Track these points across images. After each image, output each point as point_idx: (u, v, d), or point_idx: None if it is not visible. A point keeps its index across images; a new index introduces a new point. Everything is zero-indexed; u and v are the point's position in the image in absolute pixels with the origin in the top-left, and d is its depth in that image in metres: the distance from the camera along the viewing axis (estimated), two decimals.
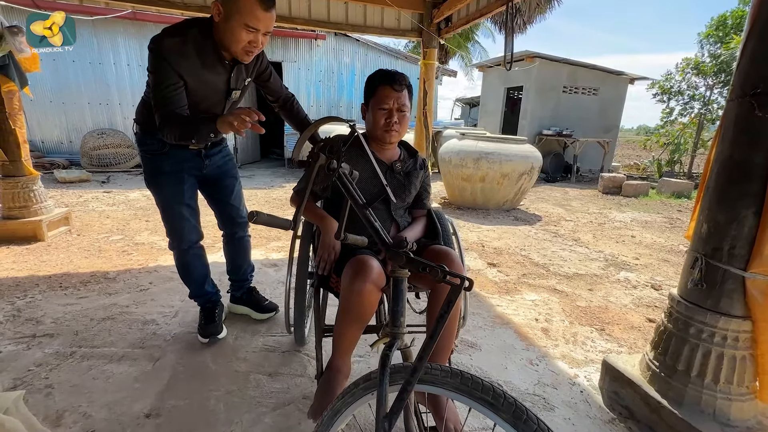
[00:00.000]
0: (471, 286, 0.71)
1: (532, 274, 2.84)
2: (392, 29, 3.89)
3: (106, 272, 2.54)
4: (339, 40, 8.14)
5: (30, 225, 3.06)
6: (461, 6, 3.18)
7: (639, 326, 2.14)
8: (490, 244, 3.50)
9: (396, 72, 1.48)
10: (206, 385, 1.51)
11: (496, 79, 9.73)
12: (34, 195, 3.14)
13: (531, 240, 3.69)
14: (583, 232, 4.06)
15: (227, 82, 1.45)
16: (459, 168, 4.63)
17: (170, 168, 1.57)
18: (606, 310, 2.32)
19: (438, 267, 0.73)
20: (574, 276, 2.84)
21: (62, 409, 1.36)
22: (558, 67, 8.42)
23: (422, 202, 1.65)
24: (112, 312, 2.03)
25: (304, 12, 3.61)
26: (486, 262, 3.03)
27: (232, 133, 1.18)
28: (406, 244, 0.81)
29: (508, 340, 1.93)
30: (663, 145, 8.86)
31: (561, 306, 2.34)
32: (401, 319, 0.80)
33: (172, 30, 1.31)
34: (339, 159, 0.97)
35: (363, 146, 1.55)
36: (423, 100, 3.94)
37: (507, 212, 4.77)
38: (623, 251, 3.48)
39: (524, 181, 4.63)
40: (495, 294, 2.46)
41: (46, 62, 6.77)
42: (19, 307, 2.04)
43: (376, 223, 0.89)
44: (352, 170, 1.09)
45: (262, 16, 1.27)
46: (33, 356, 1.64)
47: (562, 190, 6.77)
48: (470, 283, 0.71)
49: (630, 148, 18.69)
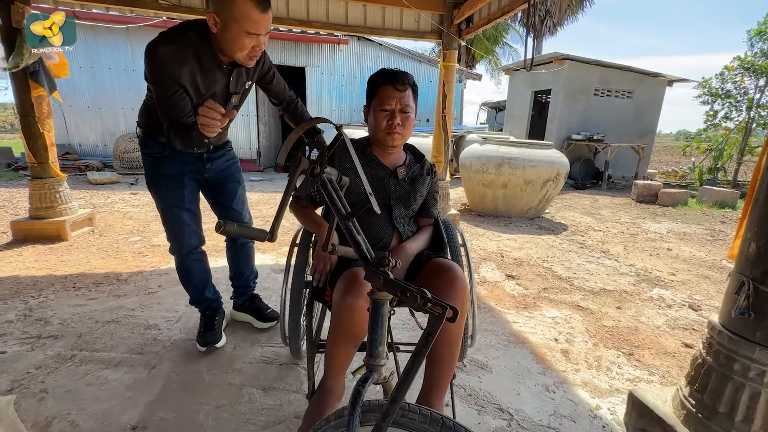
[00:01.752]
0: (455, 317, 0.59)
1: (554, 288, 2.64)
2: (411, 31, 3.80)
3: (119, 273, 2.56)
4: (362, 45, 8.15)
5: (55, 225, 3.16)
6: (482, 5, 3.05)
7: (674, 352, 1.93)
8: (510, 254, 3.32)
9: (399, 70, 1.39)
10: (197, 397, 1.46)
11: (522, 83, 9.43)
12: (59, 196, 3.25)
13: (555, 251, 3.47)
14: (613, 244, 3.79)
15: (227, 86, 1.40)
16: (480, 173, 4.46)
17: (170, 171, 1.53)
18: (636, 331, 2.11)
19: (418, 292, 0.62)
20: (601, 292, 2.62)
21: (52, 415, 1.33)
22: (588, 69, 8.06)
23: (429, 210, 1.54)
24: (117, 315, 2.03)
25: (322, 15, 3.58)
26: (504, 273, 2.86)
27: (257, 136, 1.13)
28: (387, 263, 0.71)
29: (522, 361, 1.77)
30: (705, 150, 8.28)
31: (584, 325, 2.15)
32: (379, 348, 0.69)
33: (168, 36, 1.27)
34: (322, 164, 0.87)
35: (364, 150, 1.47)
36: (442, 103, 3.81)
37: (530, 220, 4.55)
38: (657, 265, 3.21)
39: (549, 188, 4.40)
40: (512, 309, 2.29)
41: (85, 69, 7.15)
42: (31, 307, 2.08)
43: (358, 237, 0.79)
44: (341, 176, 0.99)
45: (261, 19, 1.21)
46: (35, 358, 1.64)
47: (592, 198, 6.42)
48: (454, 314, 0.59)
49: (668, 154, 17.71)
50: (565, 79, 8.00)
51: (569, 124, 8.25)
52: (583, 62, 7.98)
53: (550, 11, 16.04)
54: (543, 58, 8.59)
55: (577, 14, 17.18)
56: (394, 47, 8.30)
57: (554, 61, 7.99)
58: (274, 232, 0.92)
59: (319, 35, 7.40)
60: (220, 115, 1.12)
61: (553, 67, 8.03)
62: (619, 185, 7.97)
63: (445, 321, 1.18)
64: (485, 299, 2.40)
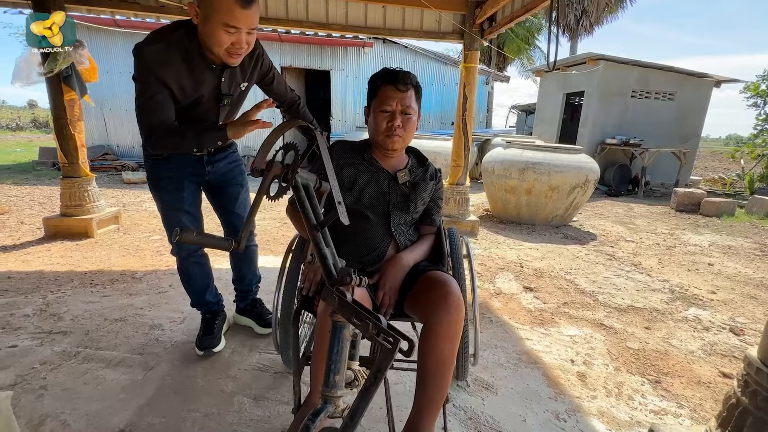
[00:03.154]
0: (411, 351, 0.51)
1: (576, 303, 2.46)
2: (432, 32, 3.70)
3: (135, 272, 2.62)
4: (387, 47, 8.11)
5: (82, 222, 3.30)
6: (505, 2, 2.92)
7: (709, 382, 1.72)
8: (531, 264, 3.14)
9: (401, 70, 1.31)
10: (187, 403, 1.43)
11: (553, 84, 9.07)
12: (88, 194, 3.39)
13: (580, 262, 3.26)
14: (646, 256, 3.52)
15: (218, 87, 1.37)
16: (502, 179, 4.29)
17: (170, 174, 1.53)
18: (665, 356, 1.91)
19: (371, 319, 0.54)
20: (628, 309, 2.41)
21: (46, 414, 1.35)
22: (626, 69, 7.62)
23: (431, 217, 1.45)
24: (126, 313, 2.06)
25: (342, 17, 3.56)
26: (522, 285, 2.70)
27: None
28: (348, 281, 0.63)
29: (533, 384, 1.63)
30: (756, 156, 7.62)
31: (606, 346, 1.97)
32: (335, 378, 0.62)
33: (156, 35, 1.25)
34: (294, 169, 0.81)
35: (363, 153, 1.40)
36: (463, 105, 3.69)
37: (556, 229, 4.32)
38: (696, 282, 2.94)
39: (577, 195, 4.16)
40: (526, 325, 2.15)
41: (124, 74, 7.54)
42: (48, 302, 2.15)
43: (325, 249, 0.72)
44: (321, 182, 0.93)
45: (241, 14, 1.17)
46: (42, 353, 1.69)
47: (626, 206, 6.04)
48: (410, 347, 0.51)
49: (715, 160, 16.51)
50: (600, 81, 7.61)
51: (603, 127, 7.84)
52: (619, 62, 7.56)
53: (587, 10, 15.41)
54: (576, 58, 8.22)
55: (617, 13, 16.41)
56: (419, 49, 8.21)
57: (588, 61, 7.62)
58: (242, 241, 0.86)
59: (345, 38, 7.43)
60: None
61: (586, 68, 7.66)
62: (657, 193, 7.48)
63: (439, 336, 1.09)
64: (498, 312, 2.27)
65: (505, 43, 16.41)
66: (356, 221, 1.33)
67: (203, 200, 1.70)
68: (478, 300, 2.38)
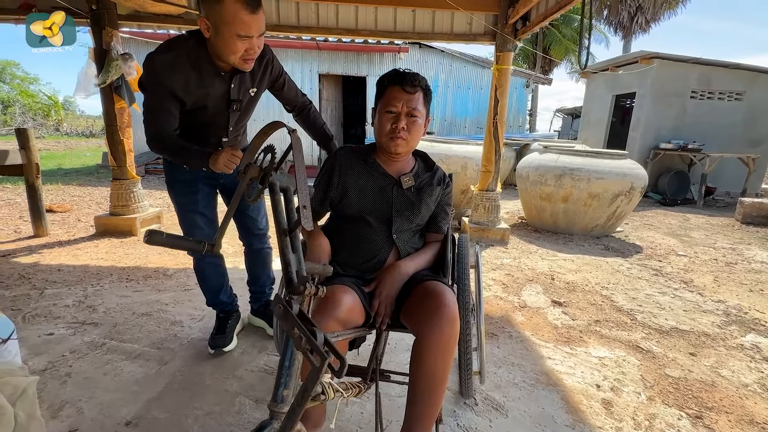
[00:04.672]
0: (341, 371, 0.46)
1: (610, 321, 2.26)
2: (462, 34, 3.62)
3: (167, 269, 2.77)
4: (423, 52, 8.08)
5: (127, 221, 3.55)
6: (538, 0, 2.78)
7: (764, 422, 1.49)
8: (563, 276, 2.94)
9: (410, 72, 1.27)
10: (193, 400, 1.47)
11: (601, 86, 8.54)
12: (133, 195, 3.65)
13: (620, 276, 2.99)
14: (700, 273, 3.16)
15: (227, 93, 1.41)
16: (537, 185, 4.07)
17: (184, 177, 1.59)
18: (712, 387, 1.69)
19: (305, 334, 0.50)
20: (672, 332, 2.17)
21: (66, 400, 1.44)
22: (684, 68, 7.00)
23: (437, 224, 1.39)
24: (152, 308, 2.17)
25: (371, 23, 3.57)
26: (550, 299, 2.52)
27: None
28: (302, 290, 0.60)
29: (549, 408, 1.50)
30: None
31: (641, 371, 1.78)
32: (282, 391, 0.58)
33: (167, 44, 1.31)
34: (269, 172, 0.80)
35: (367, 158, 1.37)
36: (494, 109, 3.55)
37: (596, 239, 4.02)
38: (758, 304, 2.59)
39: (621, 204, 3.85)
40: (549, 342, 1.99)
41: None
42: (87, 294, 2.32)
43: (289, 255, 0.69)
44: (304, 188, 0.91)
45: (251, 21, 1.19)
46: (73, 342, 1.81)
47: (682, 217, 5.52)
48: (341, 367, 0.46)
49: None
50: (654, 81, 7.05)
51: (658, 131, 7.24)
52: (676, 61, 6.96)
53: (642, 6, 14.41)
54: (627, 57, 7.69)
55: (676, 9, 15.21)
56: (456, 53, 8.09)
57: (640, 60, 7.09)
58: (217, 243, 0.86)
59: (381, 44, 7.49)
60: (238, 159, 1.23)
61: (638, 67, 7.13)
62: (720, 203, 6.76)
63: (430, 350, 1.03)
64: (520, 327, 2.13)
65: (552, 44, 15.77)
66: (357, 227, 1.30)
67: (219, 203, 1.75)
68: (499, 313, 2.28)
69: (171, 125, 1.35)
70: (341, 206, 1.31)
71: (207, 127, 1.48)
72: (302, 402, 0.48)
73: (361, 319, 1.12)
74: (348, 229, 1.32)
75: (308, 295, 0.61)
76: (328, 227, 1.40)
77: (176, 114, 1.35)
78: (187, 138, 1.40)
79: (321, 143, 1.72)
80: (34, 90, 24.04)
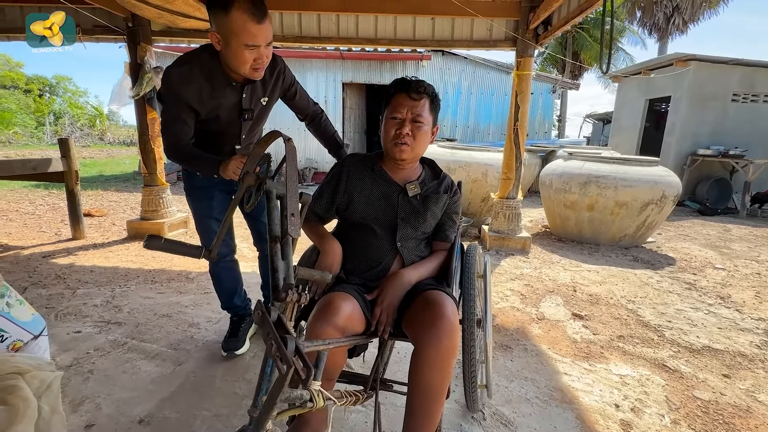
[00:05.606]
0: (306, 380, 0.46)
1: (635, 337, 2.14)
2: (482, 41, 3.59)
3: (189, 272, 2.88)
4: (445, 59, 8.06)
5: (156, 225, 3.73)
6: (559, 3, 2.71)
7: None
8: (586, 288, 2.81)
9: (417, 79, 1.27)
10: (203, 401, 1.50)
11: (634, 89, 8.21)
12: (162, 201, 3.83)
13: (648, 290, 2.84)
14: (740, 288, 2.95)
15: (239, 102, 1.46)
16: (561, 193, 3.94)
17: (200, 183, 1.65)
18: (747, 413, 1.56)
19: (276, 342, 0.50)
20: (704, 350, 2.03)
21: (86, 396, 1.51)
22: (724, 70, 6.63)
23: (444, 233, 1.37)
24: (172, 310, 2.26)
25: (390, 32, 3.61)
26: (570, 311, 2.42)
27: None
28: (283, 297, 0.60)
29: (562, 427, 1.43)
30: None
31: (666, 392, 1.67)
32: (261, 397, 0.59)
33: (183, 57, 1.37)
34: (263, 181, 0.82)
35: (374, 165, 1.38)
36: (515, 115, 3.49)
37: (624, 250, 3.83)
38: None
39: (651, 213, 3.66)
40: (567, 357, 1.91)
41: None
42: (115, 294, 2.44)
43: (277, 263, 0.71)
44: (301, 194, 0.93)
45: (258, 30, 1.23)
46: (98, 340, 1.91)
47: (722, 227, 5.18)
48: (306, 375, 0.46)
49: None
50: (691, 84, 6.71)
51: (695, 136, 6.87)
52: (716, 62, 6.60)
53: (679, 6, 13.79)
54: (661, 60, 7.37)
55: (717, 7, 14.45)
56: (480, 59, 8.02)
57: (675, 63, 6.77)
58: (213, 249, 0.88)
59: (403, 53, 7.55)
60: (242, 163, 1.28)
61: (673, 70, 6.81)
62: (766, 212, 6.30)
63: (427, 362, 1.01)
64: (536, 340, 2.05)
65: (582, 48, 15.34)
66: (362, 235, 1.31)
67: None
68: (515, 325, 2.21)
69: (186, 135, 1.41)
70: (347, 213, 1.32)
71: (220, 136, 1.54)
72: (268, 410, 0.48)
73: (361, 327, 1.11)
74: (353, 237, 1.32)
75: (290, 302, 0.62)
76: (335, 235, 1.41)
77: (191, 124, 1.41)
78: (202, 147, 1.46)
79: (332, 151, 1.74)
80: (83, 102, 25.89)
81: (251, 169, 0.90)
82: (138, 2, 2.87)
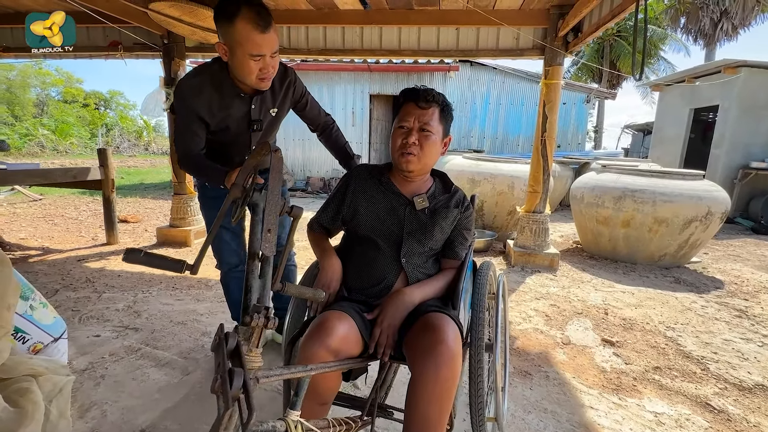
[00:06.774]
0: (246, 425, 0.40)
1: (674, 369, 1.93)
2: (509, 50, 3.48)
3: (209, 280, 2.92)
4: (473, 70, 7.96)
5: (183, 233, 3.85)
6: (591, 8, 2.58)
7: None
8: (619, 311, 2.60)
9: (427, 88, 1.22)
10: (205, 413, 1.48)
11: (677, 99, 7.74)
12: (190, 209, 3.96)
13: (691, 315, 2.58)
14: None
15: (248, 113, 1.46)
16: (593, 207, 3.72)
17: (212, 193, 1.67)
18: None
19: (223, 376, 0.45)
20: (756, 389, 1.79)
21: (95, 401, 1.53)
22: None
23: (454, 250, 1.29)
24: (188, 318, 2.28)
25: (414, 43, 3.59)
26: (600, 336, 2.23)
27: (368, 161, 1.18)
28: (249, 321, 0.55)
29: None
30: None
31: None
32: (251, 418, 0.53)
33: (195, 70, 1.40)
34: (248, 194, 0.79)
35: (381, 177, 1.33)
36: (542, 125, 3.34)
37: (665, 270, 3.54)
38: None
39: (695, 230, 3.37)
40: (594, 388, 1.74)
41: None
42: (137, 300, 2.51)
43: (252, 282, 0.67)
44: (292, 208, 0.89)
45: (262, 40, 1.22)
46: (114, 345, 1.95)
47: None
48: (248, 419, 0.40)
49: None
50: (741, 91, 6.23)
51: (747, 147, 6.34)
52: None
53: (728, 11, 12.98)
54: (708, 67, 6.91)
55: None
56: (509, 69, 7.86)
57: (723, 70, 6.33)
58: (196, 264, 0.86)
59: (431, 64, 7.53)
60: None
61: (721, 77, 6.36)
62: None
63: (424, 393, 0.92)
64: (560, 367, 1.90)
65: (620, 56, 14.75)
66: (366, 249, 1.25)
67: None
68: (537, 349, 2.05)
69: (197, 145, 1.43)
70: (353, 225, 1.28)
71: (230, 147, 1.54)
72: None
73: (357, 349, 1.05)
74: (358, 251, 1.27)
75: (257, 327, 0.57)
76: (341, 248, 1.36)
77: (202, 135, 1.42)
78: (213, 157, 1.47)
79: (342, 161, 1.71)
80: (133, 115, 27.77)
81: (242, 182, 0.87)
82: (173, 20, 3.02)
